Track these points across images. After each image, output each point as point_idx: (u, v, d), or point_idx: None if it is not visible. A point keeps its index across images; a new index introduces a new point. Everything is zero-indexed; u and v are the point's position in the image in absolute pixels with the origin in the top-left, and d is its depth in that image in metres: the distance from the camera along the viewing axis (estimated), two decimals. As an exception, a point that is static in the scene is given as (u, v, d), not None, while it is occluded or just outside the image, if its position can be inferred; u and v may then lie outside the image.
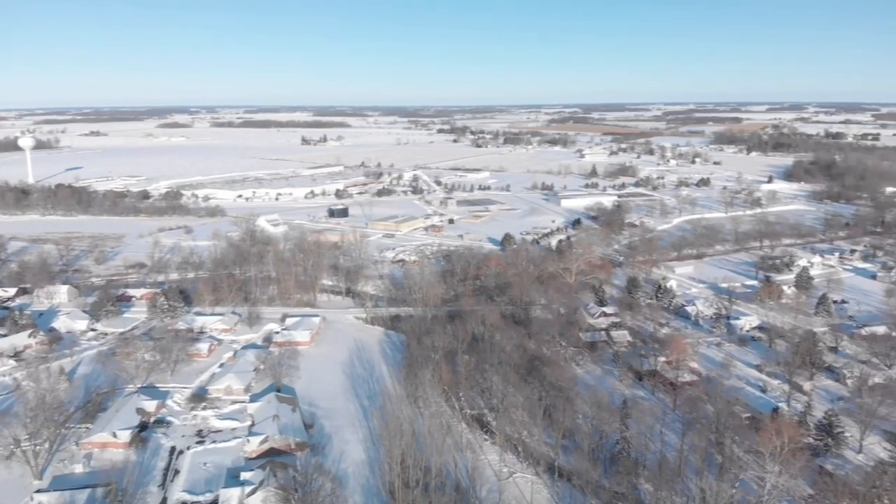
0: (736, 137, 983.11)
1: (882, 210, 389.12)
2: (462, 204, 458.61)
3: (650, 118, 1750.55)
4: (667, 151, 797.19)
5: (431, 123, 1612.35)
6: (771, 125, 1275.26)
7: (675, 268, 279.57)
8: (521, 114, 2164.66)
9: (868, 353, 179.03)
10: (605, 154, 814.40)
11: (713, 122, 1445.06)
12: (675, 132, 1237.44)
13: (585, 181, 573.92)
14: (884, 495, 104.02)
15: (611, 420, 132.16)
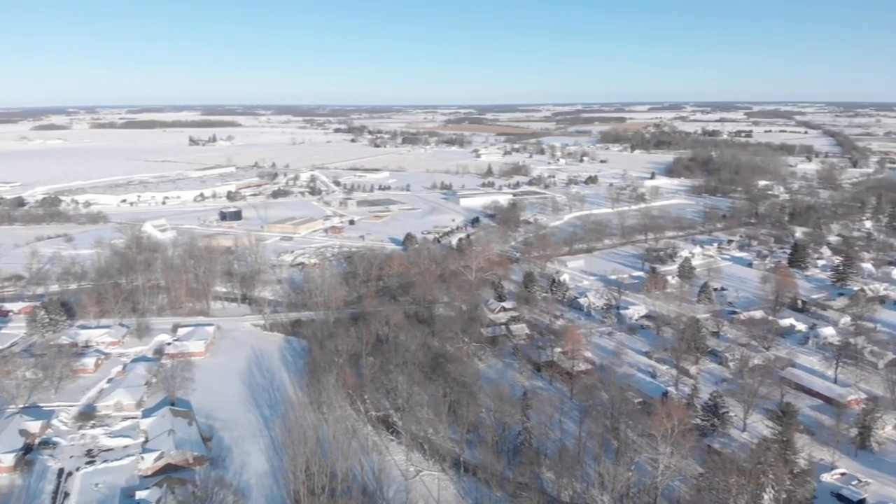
0: (621, 136, 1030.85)
1: (755, 202, 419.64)
2: (362, 204, 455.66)
3: (541, 119, 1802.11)
4: (557, 151, 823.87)
5: (328, 123, 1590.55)
6: (653, 124, 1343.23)
7: (568, 262, 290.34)
8: (417, 114, 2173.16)
9: (747, 336, 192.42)
10: (499, 154, 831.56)
11: (599, 122, 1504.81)
12: (565, 132, 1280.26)
13: (482, 180, 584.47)
14: (768, 470, 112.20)
15: (512, 412, 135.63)
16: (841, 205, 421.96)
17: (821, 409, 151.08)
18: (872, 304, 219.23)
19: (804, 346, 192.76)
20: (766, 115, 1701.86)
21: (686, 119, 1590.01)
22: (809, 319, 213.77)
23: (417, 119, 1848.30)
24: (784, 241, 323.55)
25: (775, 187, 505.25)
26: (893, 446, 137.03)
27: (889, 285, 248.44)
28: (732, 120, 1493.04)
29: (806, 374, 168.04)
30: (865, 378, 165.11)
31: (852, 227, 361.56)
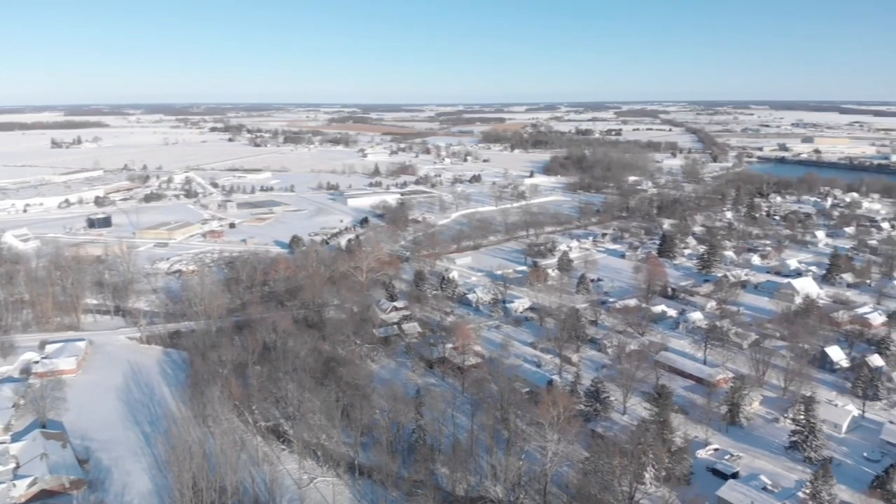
0: (501, 136, 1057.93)
1: (626, 197, 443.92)
2: (243, 206, 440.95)
3: (425, 118, 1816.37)
4: (441, 150, 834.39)
5: (203, 122, 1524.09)
6: (530, 124, 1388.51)
7: (456, 259, 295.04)
8: (299, 112, 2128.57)
9: (623, 323, 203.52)
10: (386, 153, 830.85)
11: (480, 123, 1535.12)
12: (448, 132, 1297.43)
13: (369, 180, 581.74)
14: (648, 450, 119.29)
15: (406, 411, 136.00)
16: (704, 197, 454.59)
17: (693, 389, 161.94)
18: (735, 289, 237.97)
19: (675, 330, 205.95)
20: (634, 114, 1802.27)
21: (561, 119, 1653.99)
22: (679, 305, 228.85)
23: (300, 118, 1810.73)
24: (653, 232, 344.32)
25: (644, 182, 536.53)
26: (760, 421, 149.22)
27: (749, 271, 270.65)
28: (603, 119, 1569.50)
29: (678, 357, 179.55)
30: (732, 358, 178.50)
31: (714, 217, 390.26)
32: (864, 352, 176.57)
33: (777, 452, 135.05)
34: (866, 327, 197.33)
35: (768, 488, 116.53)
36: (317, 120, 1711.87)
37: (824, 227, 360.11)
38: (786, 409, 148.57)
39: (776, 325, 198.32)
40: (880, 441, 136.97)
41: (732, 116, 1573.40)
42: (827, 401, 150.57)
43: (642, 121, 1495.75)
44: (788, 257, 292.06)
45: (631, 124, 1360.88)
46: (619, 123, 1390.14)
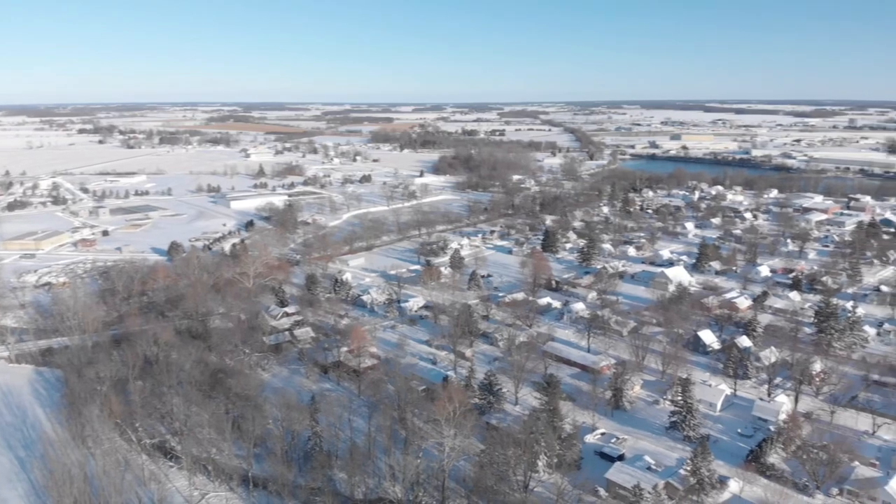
0: (390, 136, 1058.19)
1: (512, 195, 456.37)
2: (117, 212, 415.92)
3: (311, 118, 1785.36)
4: (330, 150, 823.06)
5: (70, 123, 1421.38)
6: (418, 124, 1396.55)
7: (349, 260, 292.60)
8: (175, 111, 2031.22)
9: (512, 317, 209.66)
10: (270, 153, 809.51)
11: (369, 122, 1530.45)
12: (336, 131, 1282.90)
13: (254, 181, 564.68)
14: (540, 438, 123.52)
15: (301, 419, 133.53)
16: (582, 194, 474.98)
17: (579, 376, 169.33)
18: (614, 280, 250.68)
19: (560, 321, 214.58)
20: (516, 114, 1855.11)
21: (447, 120, 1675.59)
22: (563, 297, 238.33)
23: (176, 117, 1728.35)
24: (537, 228, 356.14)
25: (527, 181, 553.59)
26: (642, 404, 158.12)
27: (626, 262, 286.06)
28: (488, 120, 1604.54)
29: (564, 347, 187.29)
30: (613, 345, 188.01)
31: (593, 213, 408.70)
32: (733, 334, 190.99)
33: (658, 433, 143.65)
34: (734, 311, 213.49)
35: (652, 468, 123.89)
36: (195, 119, 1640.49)
37: (693, 218, 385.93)
38: (664, 391, 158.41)
39: (652, 312, 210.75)
40: (752, 417, 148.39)
41: (607, 116, 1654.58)
42: (701, 382, 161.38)
43: (524, 121, 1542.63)
44: (661, 248, 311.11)
45: (513, 125, 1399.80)
46: (503, 124, 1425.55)
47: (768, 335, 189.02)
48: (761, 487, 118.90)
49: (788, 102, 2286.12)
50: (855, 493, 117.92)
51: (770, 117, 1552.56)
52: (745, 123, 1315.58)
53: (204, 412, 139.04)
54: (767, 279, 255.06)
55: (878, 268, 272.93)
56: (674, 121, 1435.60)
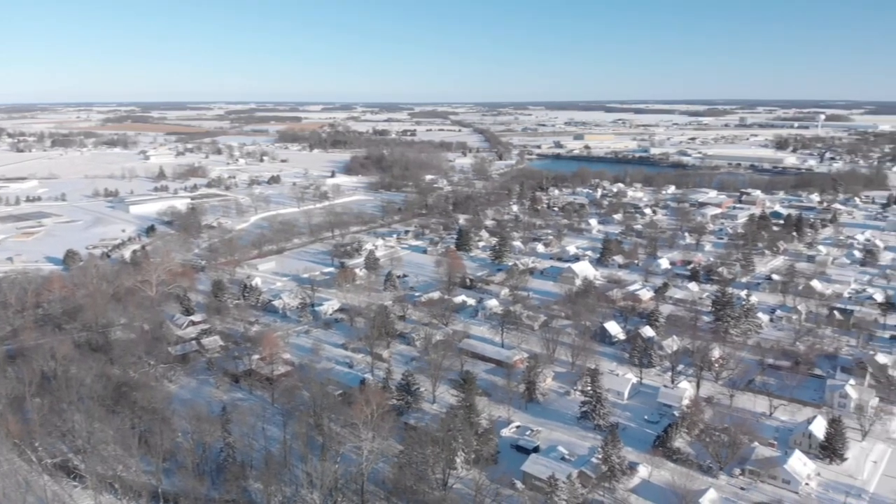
0: (298, 136, 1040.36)
1: (425, 195, 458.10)
2: (6, 220, 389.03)
3: (213, 117, 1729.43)
4: (235, 150, 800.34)
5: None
6: (328, 124, 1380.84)
7: (259, 265, 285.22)
8: (69, 112, 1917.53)
9: (429, 316, 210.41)
10: (171, 155, 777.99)
11: (275, 122, 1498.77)
12: (241, 131, 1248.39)
13: (154, 184, 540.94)
14: (457, 435, 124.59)
15: (212, 430, 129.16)
16: (493, 193, 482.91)
17: (494, 371, 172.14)
18: (524, 276, 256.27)
19: (475, 318, 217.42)
20: (426, 115, 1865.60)
21: (358, 119, 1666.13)
22: (477, 294, 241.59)
23: (69, 118, 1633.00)
24: (451, 227, 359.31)
25: (440, 181, 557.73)
26: (554, 395, 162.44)
27: (535, 258, 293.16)
28: (398, 120, 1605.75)
29: (479, 343, 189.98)
30: (526, 339, 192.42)
31: (503, 211, 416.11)
32: (637, 324, 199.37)
33: (571, 423, 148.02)
34: (637, 303, 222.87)
35: (566, 458, 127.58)
36: (89, 120, 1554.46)
37: (596, 215, 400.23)
38: (575, 382, 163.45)
39: (561, 305, 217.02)
40: (657, 404, 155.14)
41: (514, 117, 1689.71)
42: (609, 371, 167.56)
43: (434, 121, 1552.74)
44: (568, 244, 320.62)
45: (424, 125, 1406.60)
46: (414, 124, 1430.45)
47: (670, 324, 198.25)
48: (668, 471, 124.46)
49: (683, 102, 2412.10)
50: (756, 473, 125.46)
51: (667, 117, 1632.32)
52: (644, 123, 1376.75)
53: (108, 428, 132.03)
54: (667, 271, 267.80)
55: (769, 258, 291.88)
56: (577, 121, 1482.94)
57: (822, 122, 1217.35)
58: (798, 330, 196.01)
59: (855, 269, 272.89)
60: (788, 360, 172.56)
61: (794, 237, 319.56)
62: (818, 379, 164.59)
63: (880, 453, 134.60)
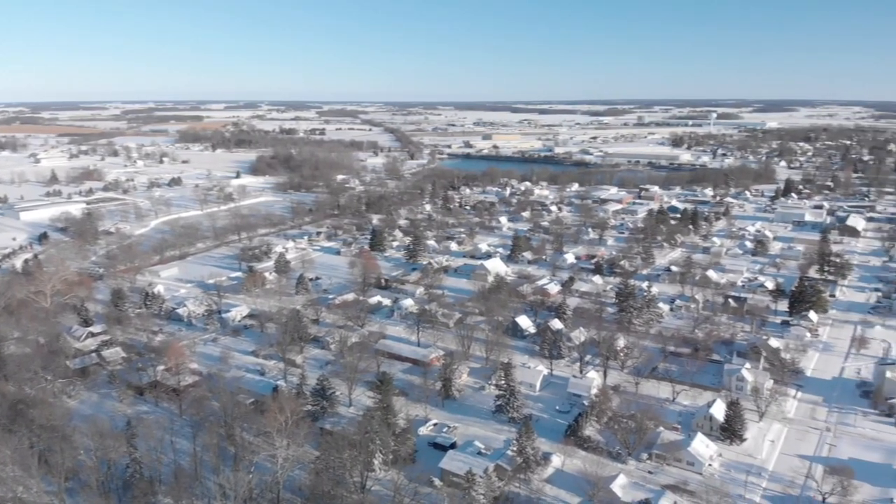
0: (200, 135, 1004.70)
1: (336, 195, 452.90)
2: None
3: (109, 117, 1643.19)
4: (133, 152, 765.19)
5: None
6: (231, 123, 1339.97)
7: (161, 271, 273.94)
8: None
9: (343, 318, 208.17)
10: (64, 157, 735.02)
11: (175, 121, 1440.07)
12: (139, 132, 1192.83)
13: (46, 189, 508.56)
14: (375, 437, 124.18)
15: (117, 446, 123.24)
16: (405, 192, 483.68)
17: (411, 371, 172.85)
18: (439, 275, 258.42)
19: (391, 318, 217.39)
20: (335, 113, 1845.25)
21: (263, 118, 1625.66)
22: (392, 294, 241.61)
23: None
24: (364, 228, 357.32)
25: (351, 180, 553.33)
26: (469, 391, 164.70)
27: (449, 256, 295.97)
28: (306, 118, 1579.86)
29: (395, 343, 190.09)
30: (441, 337, 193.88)
31: (416, 210, 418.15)
32: (547, 318, 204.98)
33: (486, 417, 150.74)
34: (546, 297, 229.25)
35: (482, 452, 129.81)
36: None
37: (506, 213, 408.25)
38: (489, 376, 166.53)
39: (475, 302, 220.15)
40: (568, 394, 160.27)
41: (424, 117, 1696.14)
42: (522, 364, 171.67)
43: (343, 120, 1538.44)
44: (480, 242, 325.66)
45: (333, 124, 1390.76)
46: (322, 123, 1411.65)
47: (577, 317, 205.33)
48: (580, 459, 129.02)
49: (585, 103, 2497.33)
50: (662, 457, 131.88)
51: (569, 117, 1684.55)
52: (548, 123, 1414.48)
53: (5, 448, 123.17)
54: (573, 265, 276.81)
55: (667, 250, 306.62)
56: (485, 121, 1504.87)
57: (715, 121, 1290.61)
58: (696, 318, 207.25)
59: (747, 258, 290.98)
60: (688, 347, 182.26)
61: (690, 230, 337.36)
62: (716, 364, 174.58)
63: (777, 433, 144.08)
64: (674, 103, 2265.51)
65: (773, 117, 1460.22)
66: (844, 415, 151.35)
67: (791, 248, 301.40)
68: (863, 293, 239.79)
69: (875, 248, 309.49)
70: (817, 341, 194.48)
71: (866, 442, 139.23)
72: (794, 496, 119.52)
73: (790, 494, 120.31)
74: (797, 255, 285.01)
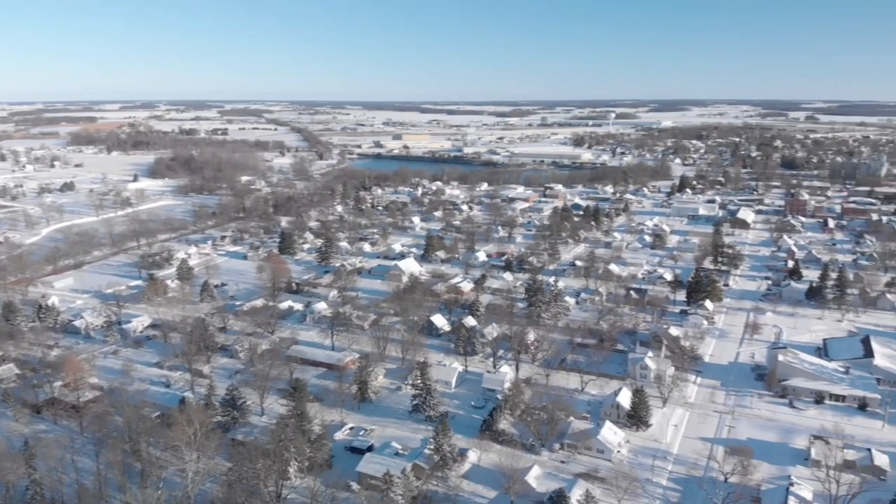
0: (94, 137, 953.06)
1: (241, 197, 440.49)
2: None
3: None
4: (21, 156, 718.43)
5: None
6: (127, 124, 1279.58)
7: (55, 282, 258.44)
8: None
9: (252, 325, 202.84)
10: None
11: (67, 123, 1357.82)
12: (27, 134, 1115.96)
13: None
14: (289, 445, 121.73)
15: (14, 467, 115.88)
16: (315, 193, 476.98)
17: (325, 376, 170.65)
18: (352, 276, 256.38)
19: (303, 323, 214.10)
20: (238, 113, 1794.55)
21: (161, 118, 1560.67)
22: (304, 298, 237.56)
23: None
24: (272, 231, 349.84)
25: (257, 182, 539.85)
26: (386, 392, 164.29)
27: (362, 258, 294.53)
28: (208, 118, 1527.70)
29: (308, 348, 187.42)
30: (356, 340, 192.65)
31: (327, 212, 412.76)
32: (461, 315, 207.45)
33: (403, 417, 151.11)
34: (460, 294, 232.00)
35: (400, 453, 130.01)
36: None
37: (419, 213, 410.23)
38: (405, 376, 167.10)
39: (390, 303, 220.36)
40: (483, 389, 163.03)
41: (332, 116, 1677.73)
42: (437, 363, 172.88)
43: (247, 120, 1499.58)
44: (393, 242, 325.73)
45: (236, 123, 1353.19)
46: (225, 123, 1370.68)
47: (489, 313, 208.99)
48: (496, 453, 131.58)
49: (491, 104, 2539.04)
50: (573, 446, 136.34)
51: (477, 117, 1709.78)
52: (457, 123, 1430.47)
53: None
54: (485, 263, 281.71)
55: (572, 246, 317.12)
56: (394, 121, 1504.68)
57: (613, 121, 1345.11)
58: (601, 310, 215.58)
59: (646, 252, 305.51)
60: (594, 338, 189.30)
61: (592, 226, 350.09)
62: (621, 353, 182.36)
63: (679, 417, 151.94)
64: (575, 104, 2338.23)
65: (667, 116, 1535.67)
66: (741, 397, 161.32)
67: (687, 241, 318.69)
68: (754, 282, 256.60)
69: (764, 239, 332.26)
70: (714, 328, 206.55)
71: (763, 423, 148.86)
72: (697, 477, 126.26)
73: (694, 476, 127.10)
74: (692, 247, 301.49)
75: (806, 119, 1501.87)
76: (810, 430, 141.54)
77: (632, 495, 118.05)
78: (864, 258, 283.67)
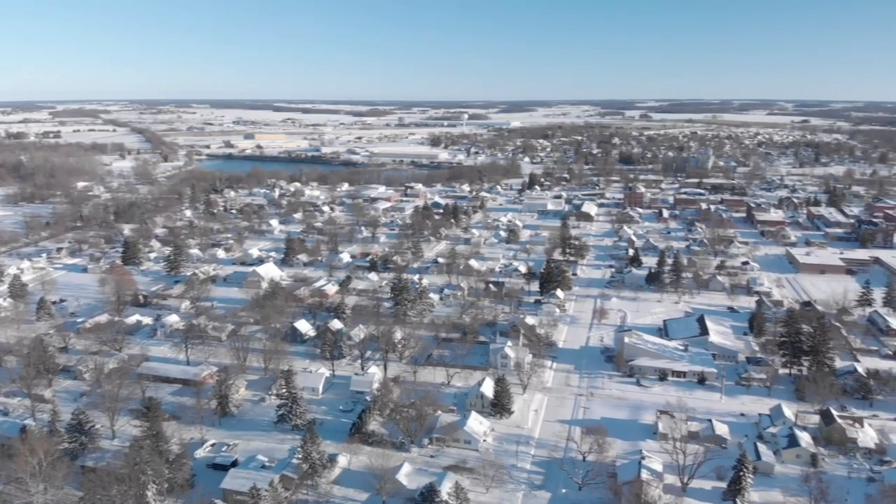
0: None
1: (78, 205, 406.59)
2: None
3: None
4: None
5: None
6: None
7: None
8: None
9: (97, 343, 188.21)
10: None
11: None
12: None
13: None
14: (146, 468, 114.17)
15: None
16: (161, 198, 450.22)
17: (181, 392, 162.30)
18: (206, 285, 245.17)
19: (154, 338, 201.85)
20: (72, 114, 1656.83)
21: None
22: (154, 311, 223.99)
23: None
24: (114, 240, 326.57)
25: (95, 187, 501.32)
26: (249, 405, 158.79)
27: (216, 265, 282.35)
28: (37, 120, 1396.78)
29: (161, 365, 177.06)
30: (213, 352, 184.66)
31: (175, 217, 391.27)
32: (326, 319, 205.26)
33: (268, 429, 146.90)
34: (324, 298, 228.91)
35: (266, 465, 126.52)
36: None
37: (277, 215, 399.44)
38: (269, 386, 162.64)
39: (249, 311, 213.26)
40: (351, 392, 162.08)
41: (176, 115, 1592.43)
42: (303, 370, 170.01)
43: (83, 121, 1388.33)
44: (250, 247, 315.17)
45: (70, 125, 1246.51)
46: (57, 125, 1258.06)
47: (356, 314, 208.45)
48: (366, 455, 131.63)
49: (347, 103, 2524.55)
50: (442, 440, 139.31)
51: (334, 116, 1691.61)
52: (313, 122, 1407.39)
53: None
54: (349, 264, 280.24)
55: (434, 243, 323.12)
56: (246, 120, 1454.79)
57: (467, 121, 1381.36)
58: (463, 304, 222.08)
59: (502, 246, 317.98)
60: (458, 332, 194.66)
61: (452, 224, 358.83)
62: (483, 345, 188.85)
63: (539, 402, 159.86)
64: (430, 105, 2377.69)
65: (516, 117, 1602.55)
66: (594, 379, 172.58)
67: (538, 235, 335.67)
68: (599, 270, 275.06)
69: (606, 230, 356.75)
70: (565, 316, 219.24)
71: (614, 402, 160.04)
72: (558, 459, 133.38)
73: (555, 458, 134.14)
74: (543, 240, 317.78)
75: (640, 117, 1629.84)
76: (656, 406, 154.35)
77: (499, 482, 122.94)
78: (696, 244, 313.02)
